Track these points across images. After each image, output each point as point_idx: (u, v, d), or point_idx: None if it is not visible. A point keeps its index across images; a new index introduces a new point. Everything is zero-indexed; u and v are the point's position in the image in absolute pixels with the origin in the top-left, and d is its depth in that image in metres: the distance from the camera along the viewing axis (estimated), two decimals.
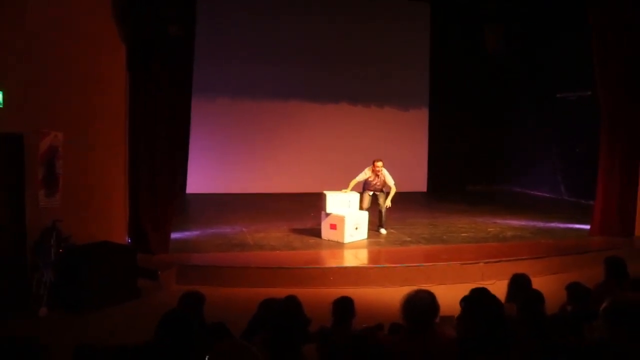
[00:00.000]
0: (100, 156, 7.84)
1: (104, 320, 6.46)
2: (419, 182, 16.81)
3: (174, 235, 9.10)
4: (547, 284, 6.31)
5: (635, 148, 10.13)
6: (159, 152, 8.45)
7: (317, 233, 9.88)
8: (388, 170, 10.24)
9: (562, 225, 11.46)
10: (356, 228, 9.68)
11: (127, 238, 8.35)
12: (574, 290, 5.20)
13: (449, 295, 4.33)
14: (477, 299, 4.05)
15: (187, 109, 9.65)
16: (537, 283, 5.19)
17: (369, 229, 10.00)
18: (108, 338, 5.39)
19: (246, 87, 15.11)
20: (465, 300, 3.96)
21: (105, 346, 3.61)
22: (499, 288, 5.25)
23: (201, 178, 14.81)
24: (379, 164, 10.17)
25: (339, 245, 9.42)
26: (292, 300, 4.78)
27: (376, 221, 10.33)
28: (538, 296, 4.28)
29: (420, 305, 3.54)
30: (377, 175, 10.20)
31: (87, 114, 7.65)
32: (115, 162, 8.08)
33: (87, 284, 6.80)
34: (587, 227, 10.79)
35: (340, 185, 10.28)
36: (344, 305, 4.58)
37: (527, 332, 3.86)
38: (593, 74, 10.31)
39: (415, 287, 3.81)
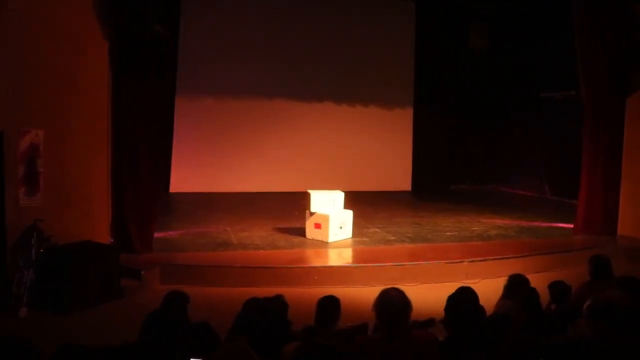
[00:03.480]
0: (83, 155, 7.75)
1: (86, 321, 6.38)
2: (404, 181, 16.85)
3: (158, 235, 9.03)
4: (531, 282, 6.33)
5: (618, 147, 10.21)
6: (143, 151, 8.38)
7: (301, 232, 9.85)
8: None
9: (545, 224, 11.55)
10: (340, 227, 9.67)
11: (110, 238, 8.27)
12: (556, 288, 5.25)
13: (434, 294, 4.33)
14: (462, 298, 4.07)
15: (170, 107, 9.61)
16: None
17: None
18: (91, 338, 5.32)
19: (230, 86, 15.04)
20: (450, 300, 3.97)
21: (88, 346, 3.56)
22: (483, 287, 5.28)
23: (185, 177, 14.72)
24: None
25: (323, 244, 9.40)
26: (279, 300, 4.77)
27: None
28: (536, 294, 4.37)
29: (391, 303, 3.55)
30: None
31: (70, 112, 7.56)
32: (99, 161, 8.00)
33: (69, 284, 6.71)
34: (571, 225, 10.88)
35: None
36: (329, 305, 4.56)
37: (523, 329, 3.89)
38: (577, 73, 10.39)
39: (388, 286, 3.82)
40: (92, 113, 7.86)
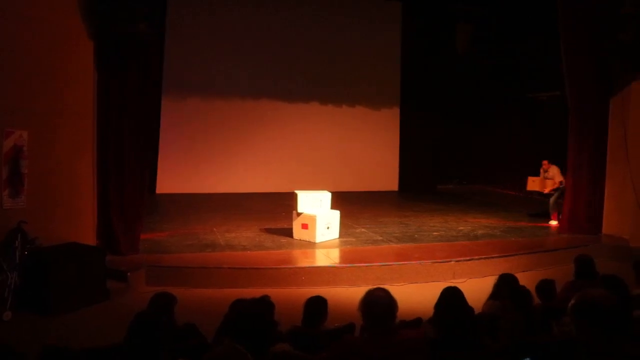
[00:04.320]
0: (68, 155, 7.68)
1: (72, 323, 6.33)
2: (391, 181, 16.90)
3: (144, 236, 8.96)
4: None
5: (603, 147, 10.28)
6: (128, 152, 8.32)
7: (288, 233, 9.84)
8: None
9: (532, 224, 11.61)
10: (328, 227, 9.66)
11: (96, 239, 8.20)
12: (542, 287, 5.30)
13: (420, 294, 4.33)
14: (449, 298, 4.08)
15: (157, 107, 9.54)
16: None
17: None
18: (76, 341, 5.29)
19: (217, 87, 15.03)
20: (439, 300, 3.98)
21: (74, 348, 3.53)
22: (470, 286, 5.30)
23: (171, 178, 14.68)
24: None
25: (310, 244, 9.39)
26: (264, 301, 4.74)
27: None
28: (525, 293, 4.40)
29: (377, 303, 3.54)
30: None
31: (54, 113, 7.49)
32: (84, 162, 7.93)
33: (54, 286, 6.64)
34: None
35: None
36: (316, 305, 4.56)
37: (511, 328, 3.91)
38: (562, 74, 10.46)
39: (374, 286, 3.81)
40: (77, 113, 7.79)
